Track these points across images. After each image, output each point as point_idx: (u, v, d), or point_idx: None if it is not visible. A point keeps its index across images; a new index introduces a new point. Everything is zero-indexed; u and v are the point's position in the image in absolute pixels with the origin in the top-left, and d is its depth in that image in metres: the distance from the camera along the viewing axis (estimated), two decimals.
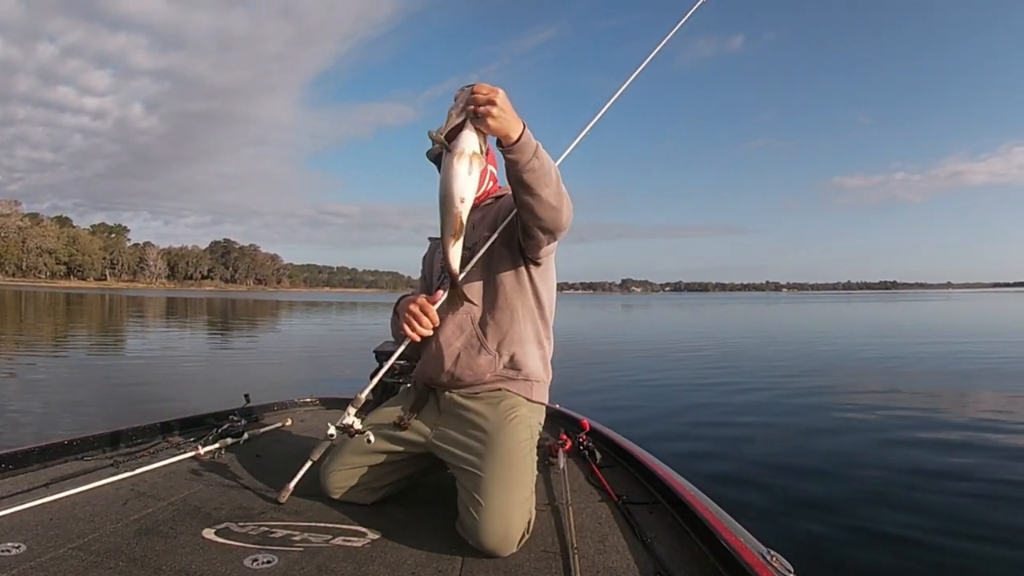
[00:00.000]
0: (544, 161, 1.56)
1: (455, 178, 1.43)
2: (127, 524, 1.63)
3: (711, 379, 8.56)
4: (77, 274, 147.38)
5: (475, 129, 1.46)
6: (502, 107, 1.44)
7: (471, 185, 1.46)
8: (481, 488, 1.59)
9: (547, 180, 1.57)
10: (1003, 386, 7.67)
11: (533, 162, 1.52)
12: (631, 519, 1.70)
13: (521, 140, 1.49)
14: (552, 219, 1.65)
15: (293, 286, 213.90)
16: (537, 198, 1.58)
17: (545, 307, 1.93)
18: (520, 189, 1.58)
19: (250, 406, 2.82)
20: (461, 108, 1.44)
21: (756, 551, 1.35)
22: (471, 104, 1.42)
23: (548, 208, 1.61)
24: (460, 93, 1.47)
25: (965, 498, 3.50)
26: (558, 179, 1.62)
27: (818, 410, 6.25)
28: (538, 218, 1.64)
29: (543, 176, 1.56)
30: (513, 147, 1.49)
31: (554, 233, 1.72)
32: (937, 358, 11.04)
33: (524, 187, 1.56)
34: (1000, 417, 5.71)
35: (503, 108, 1.44)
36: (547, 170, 1.57)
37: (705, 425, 5.62)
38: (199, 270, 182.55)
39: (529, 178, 1.54)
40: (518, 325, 1.85)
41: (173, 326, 19.80)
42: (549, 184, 1.58)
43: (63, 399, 6.58)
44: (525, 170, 1.52)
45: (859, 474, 3.97)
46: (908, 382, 8.25)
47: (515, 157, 1.50)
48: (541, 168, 1.54)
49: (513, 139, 1.48)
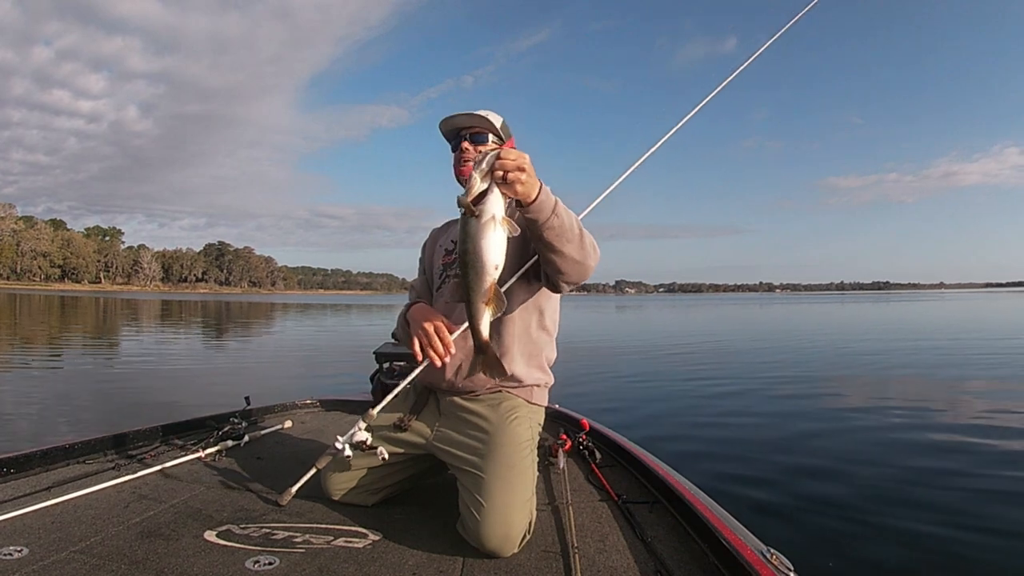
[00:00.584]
0: (564, 218, 1.53)
1: (489, 247, 1.38)
2: (129, 527, 1.63)
3: (706, 379, 8.57)
4: (71, 277, 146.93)
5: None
6: (529, 173, 1.42)
7: (503, 250, 1.41)
8: (483, 489, 1.59)
9: (569, 236, 1.55)
10: (996, 384, 7.71)
11: (552, 220, 1.50)
12: (631, 518, 1.71)
13: (539, 199, 1.47)
14: (577, 272, 1.64)
15: (288, 288, 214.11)
16: (559, 254, 1.57)
17: (548, 316, 1.93)
18: (541, 246, 1.57)
19: (250, 408, 2.82)
20: (486, 172, 1.40)
21: (756, 549, 1.37)
22: (500, 170, 1.39)
23: (572, 263, 1.60)
24: (481, 156, 1.43)
25: (964, 494, 3.52)
26: (581, 232, 1.60)
27: (815, 409, 6.27)
28: (561, 272, 1.63)
29: (564, 232, 1.54)
30: (531, 207, 1.47)
31: (579, 282, 1.71)
32: (932, 357, 11.08)
33: (545, 244, 1.55)
34: (997, 417, 5.73)
35: (530, 174, 1.42)
36: (568, 226, 1.55)
37: (701, 425, 5.63)
38: (193, 272, 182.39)
39: (549, 236, 1.53)
40: (522, 337, 1.86)
41: (168, 329, 19.71)
42: (571, 239, 1.56)
43: (59, 403, 6.53)
44: (545, 228, 1.51)
45: (858, 472, 3.98)
46: (903, 381, 8.29)
47: (534, 216, 1.49)
48: (561, 226, 1.53)
49: (532, 199, 1.46)
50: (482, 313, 1.44)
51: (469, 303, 1.43)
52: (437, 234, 2.14)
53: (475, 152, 1.91)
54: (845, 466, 4.13)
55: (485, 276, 1.39)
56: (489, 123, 1.95)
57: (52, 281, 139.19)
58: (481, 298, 1.41)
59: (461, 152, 1.93)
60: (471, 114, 1.93)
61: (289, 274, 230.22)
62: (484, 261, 1.38)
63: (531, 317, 1.87)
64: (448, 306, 1.90)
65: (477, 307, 1.43)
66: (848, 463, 4.19)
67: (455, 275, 1.91)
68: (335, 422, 2.96)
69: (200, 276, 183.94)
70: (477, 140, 1.94)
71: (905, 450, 4.54)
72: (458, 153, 1.95)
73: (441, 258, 2.01)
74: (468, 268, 1.40)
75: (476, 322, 1.45)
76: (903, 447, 4.65)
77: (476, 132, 1.94)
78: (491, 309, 1.43)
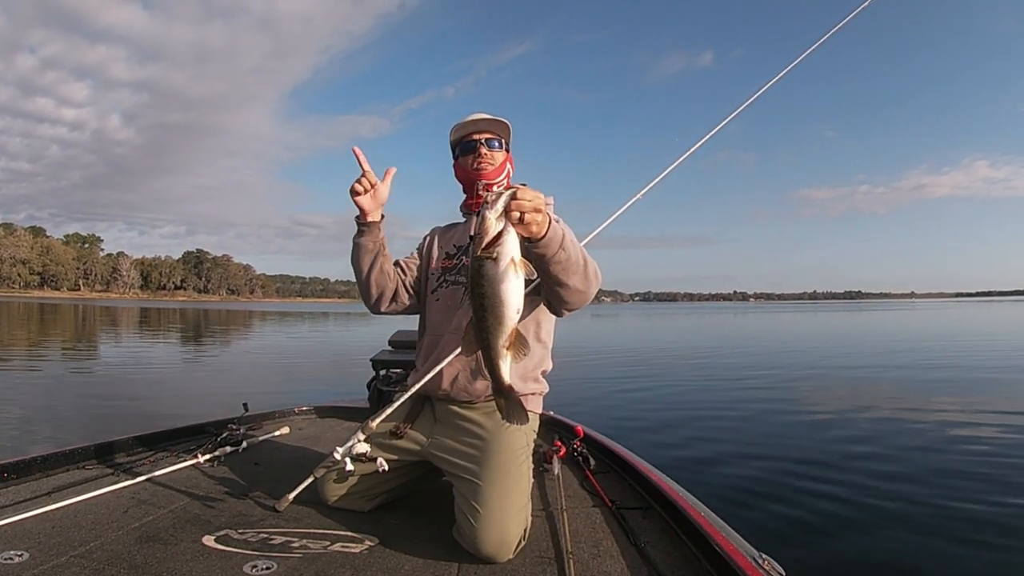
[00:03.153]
0: (571, 251, 1.53)
1: (510, 291, 1.30)
2: (128, 532, 1.64)
3: (686, 386, 8.65)
4: (51, 284, 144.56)
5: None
6: (544, 212, 1.40)
7: (523, 294, 1.34)
8: (479, 495, 1.61)
9: (574, 268, 1.55)
10: (976, 390, 7.84)
11: (560, 254, 1.50)
12: (625, 524, 1.73)
13: (548, 235, 1.45)
14: (580, 301, 1.66)
15: (266, 296, 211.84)
16: (564, 287, 1.58)
17: (544, 328, 1.95)
18: (547, 279, 1.56)
19: (248, 415, 2.84)
20: (501, 212, 1.33)
21: (748, 555, 1.39)
22: (516, 210, 1.34)
23: (576, 293, 1.61)
24: (490, 194, 1.36)
25: (954, 501, 3.57)
26: (586, 262, 1.60)
27: (806, 416, 6.34)
28: (566, 303, 1.65)
29: (570, 266, 1.54)
30: (539, 243, 1.45)
31: (581, 308, 1.72)
32: (912, 363, 11.19)
33: (551, 278, 1.55)
34: (987, 423, 5.82)
35: (544, 213, 1.41)
36: (575, 260, 1.55)
37: (688, 428, 5.69)
38: (172, 280, 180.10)
39: (556, 269, 1.52)
40: None
41: (147, 337, 19.46)
42: (576, 271, 1.56)
43: (41, 412, 6.44)
44: (552, 263, 1.50)
45: (848, 478, 4.03)
46: (886, 387, 8.35)
47: (542, 251, 1.47)
48: (568, 259, 1.52)
49: (542, 236, 1.45)
50: (503, 358, 1.36)
51: (489, 348, 1.35)
52: (438, 233, 2.12)
53: (490, 157, 1.94)
54: (836, 472, 4.18)
55: (507, 322, 1.33)
56: (507, 131, 1.98)
57: (32, 288, 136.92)
58: (503, 343, 1.35)
59: (478, 157, 1.94)
60: (495, 120, 1.95)
61: (267, 282, 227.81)
62: (507, 306, 1.31)
63: (528, 329, 1.88)
64: (445, 310, 1.91)
65: (498, 351, 1.35)
66: (840, 469, 4.24)
67: (454, 281, 1.93)
68: (332, 429, 2.97)
69: (179, 284, 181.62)
70: (492, 146, 1.96)
71: (896, 456, 4.60)
72: (473, 157, 1.95)
73: (441, 261, 2.01)
74: (487, 313, 1.32)
75: (497, 367, 1.37)
76: (893, 453, 4.71)
77: (492, 138, 1.96)
78: (512, 353, 1.36)
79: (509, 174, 2.02)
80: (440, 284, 1.97)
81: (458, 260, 1.97)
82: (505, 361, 1.36)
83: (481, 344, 1.36)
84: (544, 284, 1.62)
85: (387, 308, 1.97)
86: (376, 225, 1.85)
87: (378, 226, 1.85)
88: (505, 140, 1.99)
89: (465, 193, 2.05)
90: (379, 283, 1.90)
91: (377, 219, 1.85)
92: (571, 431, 2.48)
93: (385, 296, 1.93)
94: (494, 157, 1.95)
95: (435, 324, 1.94)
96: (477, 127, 1.95)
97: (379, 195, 1.82)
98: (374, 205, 1.82)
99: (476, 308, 1.33)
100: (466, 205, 2.05)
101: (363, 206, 1.81)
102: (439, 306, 1.94)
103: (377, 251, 1.86)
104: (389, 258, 1.93)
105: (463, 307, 1.87)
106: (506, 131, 1.98)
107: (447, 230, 2.11)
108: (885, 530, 3.15)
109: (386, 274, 1.90)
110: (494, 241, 1.31)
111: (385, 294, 1.93)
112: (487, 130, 1.95)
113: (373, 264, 1.87)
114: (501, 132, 1.97)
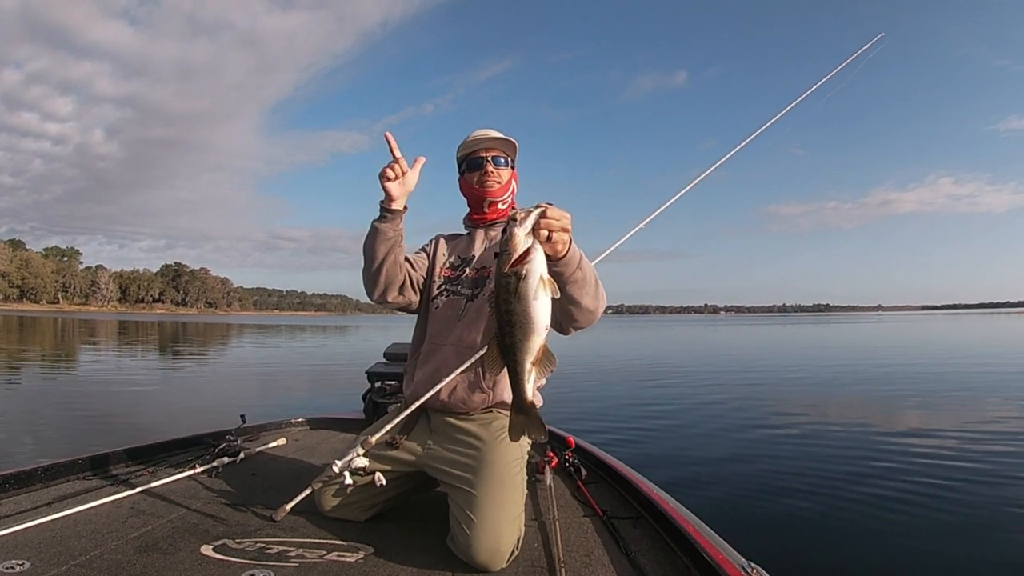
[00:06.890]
0: (586, 270, 1.58)
1: (539, 308, 1.32)
2: (128, 541, 1.65)
3: (666, 396, 8.75)
4: (30, 297, 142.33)
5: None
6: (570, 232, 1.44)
7: (550, 310, 1.36)
8: (473, 505, 1.63)
9: (587, 288, 1.60)
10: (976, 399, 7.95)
11: (576, 273, 1.54)
12: (616, 533, 1.76)
13: (568, 254, 1.49)
14: (589, 320, 1.70)
15: (243, 309, 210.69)
16: (577, 305, 1.62)
17: None
18: (562, 297, 1.55)
19: (245, 426, 2.85)
20: (529, 230, 1.35)
21: (737, 564, 1.42)
22: (545, 228, 1.37)
23: (586, 312, 1.66)
24: (518, 211, 1.38)
25: (942, 513, 3.63)
26: (596, 282, 1.65)
27: (794, 426, 6.40)
28: (576, 321, 1.69)
29: (584, 285, 1.59)
30: (560, 262, 1.49)
31: (588, 327, 1.75)
32: (892, 377, 11.31)
33: (566, 296, 1.57)
34: (973, 433, 5.90)
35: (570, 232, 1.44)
36: (588, 279, 1.59)
37: (673, 440, 5.75)
38: (150, 293, 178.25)
39: (571, 288, 1.56)
40: None
41: (129, 350, 19.19)
42: (589, 291, 1.61)
43: (24, 425, 6.36)
44: (569, 281, 1.54)
45: (836, 488, 4.09)
46: (870, 399, 8.42)
47: (561, 270, 1.50)
48: (584, 278, 1.57)
49: (564, 255, 1.48)
50: (529, 374, 1.37)
51: (516, 363, 1.35)
52: (443, 240, 2.14)
53: (496, 175, 1.99)
54: (822, 481, 4.24)
55: (536, 337, 1.34)
56: (514, 150, 2.03)
57: (10, 301, 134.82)
58: (530, 359, 1.35)
59: (485, 174, 1.98)
60: (504, 139, 1.99)
61: (245, 295, 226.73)
62: (536, 322, 1.32)
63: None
64: (445, 320, 1.94)
65: (525, 367, 1.35)
66: (827, 480, 4.30)
67: (455, 292, 1.96)
68: (327, 440, 2.98)
69: (157, 297, 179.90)
70: (499, 163, 2.01)
71: (880, 465, 4.67)
72: (480, 174, 1.99)
73: (444, 270, 2.03)
74: (515, 329, 1.32)
75: (522, 383, 1.37)
76: (881, 464, 4.76)
77: (498, 155, 2.00)
78: (539, 369, 1.37)
79: (514, 191, 2.08)
80: (441, 292, 1.99)
81: (460, 272, 2.00)
82: (531, 378, 1.37)
83: (508, 361, 1.36)
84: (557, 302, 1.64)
85: (393, 299, 1.94)
86: (400, 213, 1.83)
87: (401, 215, 1.84)
88: (511, 158, 2.04)
89: (470, 208, 2.09)
90: (390, 272, 1.88)
91: (401, 207, 1.83)
92: (563, 442, 2.50)
93: (393, 286, 1.91)
94: (500, 175, 2.00)
95: (434, 333, 1.97)
96: (485, 144, 1.99)
97: (408, 182, 1.81)
98: (402, 191, 1.81)
99: (503, 324, 1.33)
100: (471, 219, 2.10)
101: (392, 192, 1.78)
102: (438, 315, 1.97)
103: (395, 239, 1.84)
104: (403, 250, 1.92)
105: (463, 319, 1.90)
106: (513, 150, 2.02)
107: (451, 239, 2.14)
108: (871, 538, 3.20)
109: (399, 265, 1.89)
110: (522, 258, 1.31)
111: (393, 284, 1.91)
112: (494, 148, 2.00)
113: (389, 252, 1.85)
114: (508, 150, 2.02)
